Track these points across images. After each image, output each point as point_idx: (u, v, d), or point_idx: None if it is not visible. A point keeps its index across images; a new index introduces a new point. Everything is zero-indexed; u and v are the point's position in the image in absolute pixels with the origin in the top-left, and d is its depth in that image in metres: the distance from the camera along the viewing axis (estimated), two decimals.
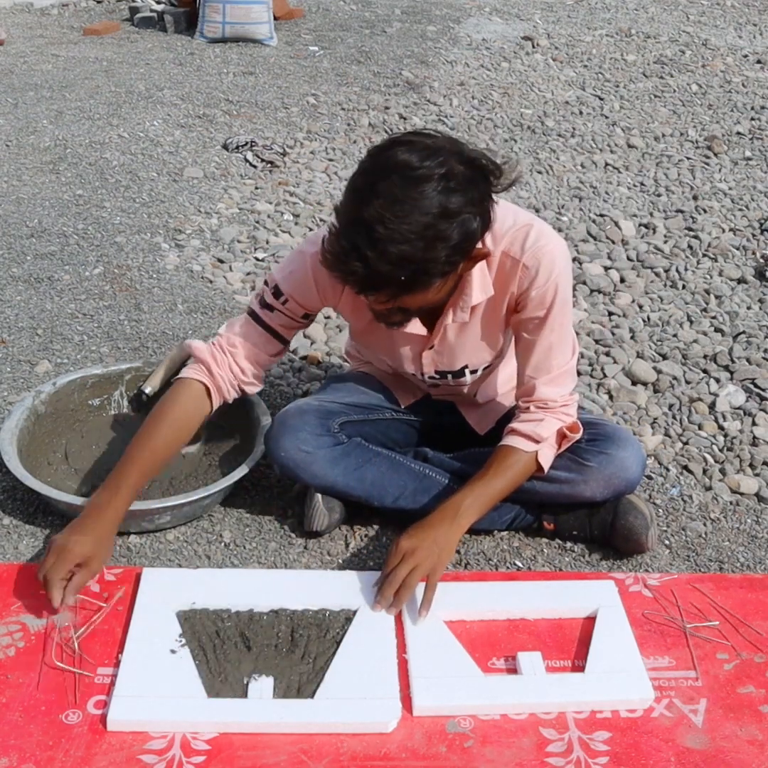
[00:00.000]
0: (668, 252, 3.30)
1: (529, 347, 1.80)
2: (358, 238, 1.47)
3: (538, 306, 1.74)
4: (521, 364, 1.84)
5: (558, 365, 1.80)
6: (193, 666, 1.60)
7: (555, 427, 1.81)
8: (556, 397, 1.81)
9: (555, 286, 1.73)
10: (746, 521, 2.08)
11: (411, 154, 1.47)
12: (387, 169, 1.48)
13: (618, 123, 4.57)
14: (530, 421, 1.80)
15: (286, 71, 5.23)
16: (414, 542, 1.71)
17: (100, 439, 2.17)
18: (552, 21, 6.43)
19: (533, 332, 1.77)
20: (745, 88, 5.15)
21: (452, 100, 4.82)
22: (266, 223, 3.43)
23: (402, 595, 1.70)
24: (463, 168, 1.49)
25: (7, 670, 1.59)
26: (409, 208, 1.45)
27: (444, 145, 1.51)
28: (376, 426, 2.01)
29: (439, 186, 1.46)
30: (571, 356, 1.83)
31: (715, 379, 2.57)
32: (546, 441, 1.80)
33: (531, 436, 1.79)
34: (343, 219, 1.53)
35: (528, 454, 1.80)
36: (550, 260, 1.71)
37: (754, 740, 1.53)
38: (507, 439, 1.82)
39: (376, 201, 1.46)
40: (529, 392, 1.82)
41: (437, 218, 1.46)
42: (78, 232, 3.27)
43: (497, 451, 1.82)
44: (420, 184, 1.46)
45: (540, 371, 1.80)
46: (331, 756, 1.47)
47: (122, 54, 5.48)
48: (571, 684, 1.61)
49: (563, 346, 1.81)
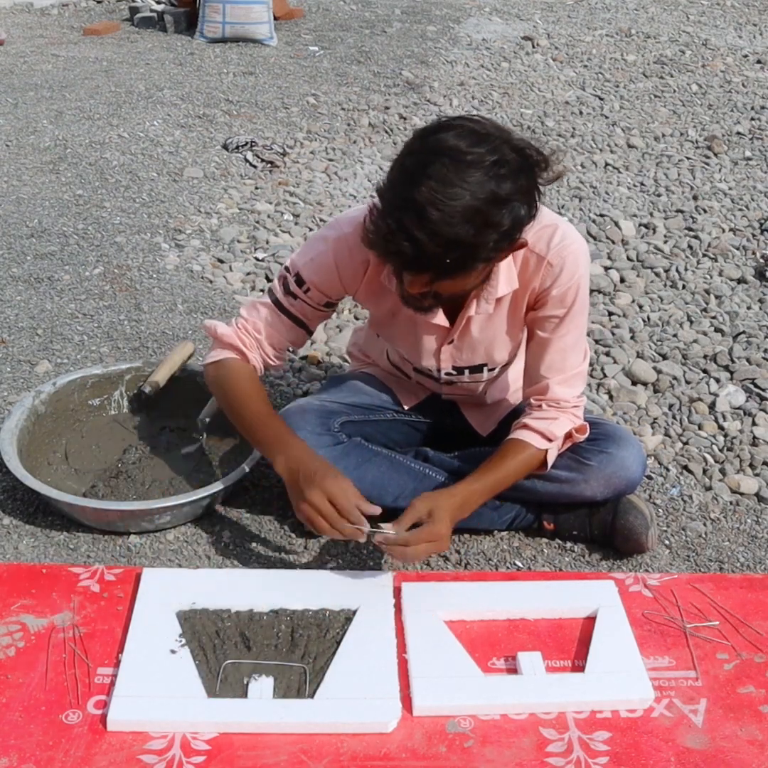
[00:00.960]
0: (668, 252, 3.30)
1: (544, 345, 1.80)
2: (407, 218, 1.46)
3: (558, 305, 1.75)
4: (534, 362, 1.83)
5: (572, 366, 1.81)
6: (193, 666, 1.60)
7: (568, 427, 1.82)
8: (569, 398, 1.82)
9: (577, 287, 1.73)
10: (746, 521, 2.08)
11: (461, 139, 1.47)
12: (437, 152, 1.46)
13: (618, 123, 4.57)
14: (544, 419, 1.80)
15: (286, 71, 5.23)
16: (448, 530, 1.72)
17: (100, 439, 2.17)
18: (552, 21, 6.43)
19: (550, 331, 1.78)
20: (745, 88, 5.15)
21: (452, 100, 4.82)
22: (266, 223, 3.43)
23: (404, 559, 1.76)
24: (513, 155, 1.49)
25: (7, 670, 1.59)
26: (460, 191, 1.44)
27: (493, 131, 1.50)
28: (377, 426, 2.01)
29: (490, 172, 1.46)
30: (584, 359, 1.84)
31: (715, 379, 2.57)
32: (557, 440, 1.81)
33: (545, 434, 1.80)
34: (389, 199, 1.50)
35: (539, 450, 1.80)
36: (574, 260, 1.71)
37: (754, 740, 1.53)
38: (519, 433, 1.82)
39: (428, 182, 1.45)
40: (542, 391, 1.82)
41: (488, 203, 1.46)
42: (78, 232, 3.28)
43: (508, 444, 1.82)
44: (472, 168, 1.45)
45: (554, 371, 1.80)
46: (331, 756, 1.47)
47: (122, 54, 5.48)
48: (571, 684, 1.61)
49: (578, 348, 1.81)
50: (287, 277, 1.82)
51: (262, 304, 1.87)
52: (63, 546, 1.92)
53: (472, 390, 2.01)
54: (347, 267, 1.77)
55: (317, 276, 1.80)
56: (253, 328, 1.86)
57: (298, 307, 1.84)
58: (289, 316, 1.85)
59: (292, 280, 1.81)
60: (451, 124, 1.51)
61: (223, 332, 1.87)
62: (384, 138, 4.32)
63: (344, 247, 1.75)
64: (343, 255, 1.75)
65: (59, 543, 1.92)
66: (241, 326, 1.87)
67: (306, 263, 1.80)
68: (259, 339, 1.86)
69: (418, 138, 1.52)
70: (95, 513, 1.90)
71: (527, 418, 1.83)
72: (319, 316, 1.89)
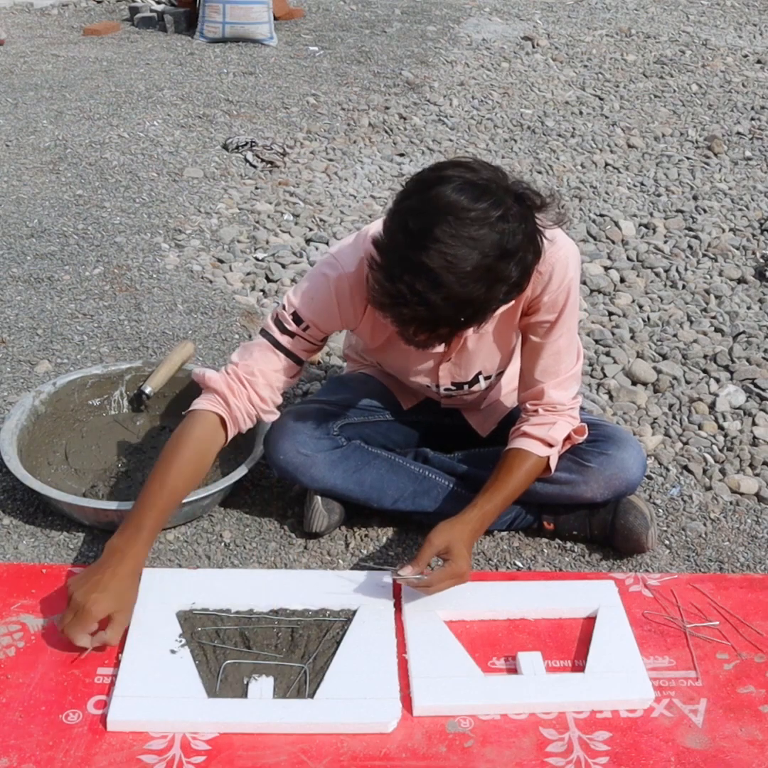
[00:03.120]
0: (668, 252, 3.30)
1: (537, 350, 1.79)
2: (420, 282, 1.43)
3: (550, 310, 1.74)
4: (528, 366, 1.83)
5: (566, 369, 1.81)
6: (193, 666, 1.60)
7: (567, 430, 1.82)
8: (564, 401, 1.81)
9: (567, 291, 1.73)
10: (746, 521, 2.08)
11: (461, 194, 1.44)
12: (439, 210, 1.44)
13: (618, 123, 4.57)
14: (543, 425, 1.80)
15: (286, 71, 5.23)
16: (468, 568, 1.71)
17: (99, 439, 2.17)
18: (552, 21, 6.43)
19: (543, 336, 1.77)
20: (745, 88, 5.15)
21: (452, 100, 4.82)
22: (266, 223, 3.43)
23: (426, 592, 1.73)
24: (515, 207, 1.47)
25: (7, 670, 1.59)
26: (469, 251, 1.42)
27: (491, 180, 1.48)
28: (376, 428, 2.01)
29: (496, 227, 1.44)
30: (577, 360, 1.84)
31: (715, 379, 2.57)
32: (558, 444, 1.81)
33: (546, 440, 1.79)
34: (396, 261, 1.47)
35: (541, 458, 1.80)
36: (563, 266, 1.70)
37: (754, 740, 1.53)
38: (519, 442, 1.81)
39: (437, 245, 1.42)
40: (537, 395, 1.82)
41: (497, 259, 1.45)
42: (78, 232, 3.27)
43: (510, 455, 1.81)
44: (477, 226, 1.43)
45: (548, 375, 1.80)
46: (331, 756, 1.47)
47: (122, 54, 5.48)
48: (571, 684, 1.61)
49: (571, 350, 1.81)
50: (284, 315, 1.77)
51: (255, 346, 1.80)
52: (63, 546, 1.92)
53: (470, 401, 2.02)
54: (348, 306, 1.75)
55: (317, 315, 1.76)
56: (245, 372, 1.78)
57: (296, 344, 1.79)
58: (286, 353, 1.79)
59: (289, 319, 1.76)
60: (447, 175, 1.47)
61: (210, 377, 1.80)
62: (384, 138, 4.32)
63: (345, 286, 1.72)
64: (344, 295, 1.72)
65: (59, 543, 1.92)
66: (231, 371, 1.79)
67: (305, 302, 1.76)
68: (252, 381, 1.78)
69: (417, 193, 1.48)
70: (96, 513, 1.90)
71: (525, 425, 1.82)
72: (314, 350, 1.84)
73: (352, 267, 1.71)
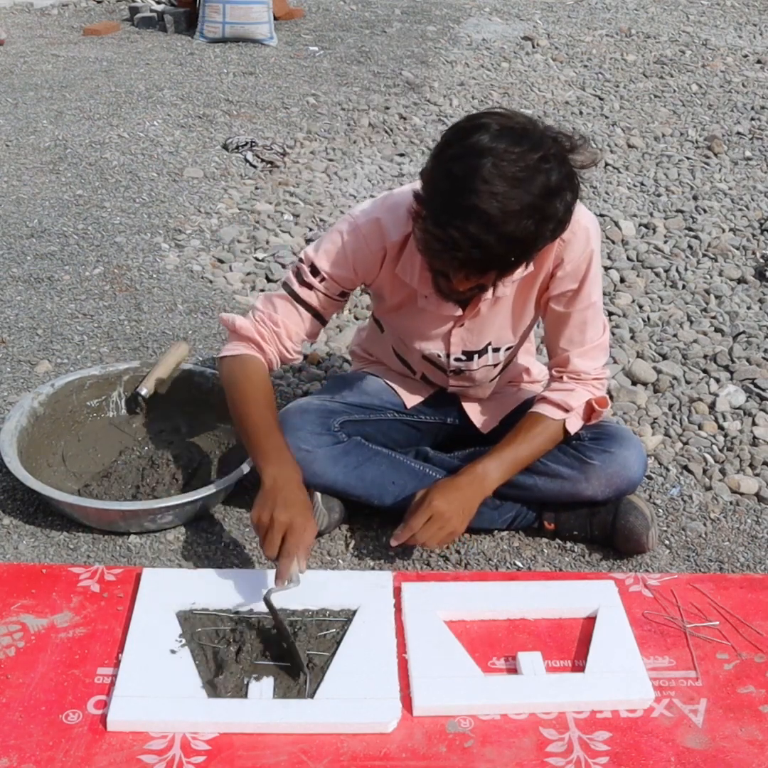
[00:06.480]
0: (668, 252, 3.30)
1: (562, 320, 1.84)
2: (473, 224, 1.48)
3: (572, 278, 1.78)
4: (554, 337, 1.88)
5: (591, 339, 1.85)
6: (193, 666, 1.60)
7: (585, 398, 1.86)
8: (589, 370, 1.86)
9: (589, 259, 1.77)
10: (746, 521, 2.08)
11: (501, 138, 1.48)
12: (483, 154, 1.48)
13: (618, 123, 4.57)
14: (561, 390, 1.86)
15: (286, 71, 5.23)
16: (444, 505, 1.77)
17: (97, 442, 2.17)
18: (552, 21, 6.43)
19: (567, 305, 1.82)
20: (745, 88, 5.15)
21: (452, 100, 4.82)
22: (266, 223, 3.43)
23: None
24: (553, 147, 1.52)
25: (7, 670, 1.59)
26: (516, 191, 1.47)
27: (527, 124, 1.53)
28: (377, 426, 2.01)
29: (539, 167, 1.49)
30: (603, 332, 1.88)
31: (715, 379, 2.57)
32: (575, 410, 1.85)
33: (561, 405, 1.84)
34: (444, 207, 1.51)
35: (556, 421, 1.85)
36: (584, 234, 1.75)
37: (754, 740, 1.53)
38: (537, 406, 1.88)
39: (484, 187, 1.46)
40: (563, 363, 1.87)
41: (543, 197, 1.50)
42: (78, 232, 3.27)
43: (526, 418, 1.87)
44: (521, 167, 1.48)
45: (573, 344, 1.85)
46: (331, 756, 1.47)
47: (122, 54, 5.48)
48: (571, 684, 1.61)
49: (596, 320, 1.85)
50: (302, 267, 1.83)
51: (277, 297, 1.86)
52: (63, 546, 1.92)
53: (477, 382, 2.01)
54: (362, 257, 1.79)
55: (332, 265, 1.80)
56: (271, 321, 1.85)
57: (314, 298, 1.84)
58: (305, 306, 1.84)
59: (307, 271, 1.82)
60: (484, 122, 1.52)
61: (241, 324, 1.86)
62: (384, 138, 4.32)
63: (359, 237, 1.77)
64: (359, 245, 1.77)
65: (59, 543, 1.93)
66: (259, 318, 1.85)
67: (321, 254, 1.81)
68: (277, 332, 1.85)
69: (457, 141, 1.53)
70: (97, 513, 1.89)
71: (546, 390, 1.90)
72: (333, 306, 1.88)
73: (365, 219, 1.77)
